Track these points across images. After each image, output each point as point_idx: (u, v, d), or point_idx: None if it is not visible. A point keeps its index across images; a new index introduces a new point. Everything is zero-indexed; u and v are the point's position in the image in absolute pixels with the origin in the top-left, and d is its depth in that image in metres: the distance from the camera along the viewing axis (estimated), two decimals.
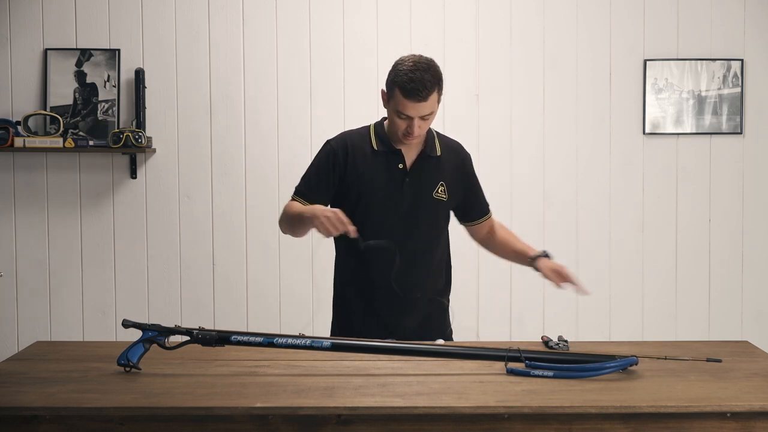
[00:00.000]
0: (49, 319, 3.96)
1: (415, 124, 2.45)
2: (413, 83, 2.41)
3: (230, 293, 3.98)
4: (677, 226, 4.02)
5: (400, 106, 2.45)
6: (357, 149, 2.58)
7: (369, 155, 2.57)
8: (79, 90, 3.89)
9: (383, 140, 2.58)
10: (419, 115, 2.44)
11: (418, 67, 2.43)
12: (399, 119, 2.48)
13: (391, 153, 2.57)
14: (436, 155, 2.60)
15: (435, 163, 2.60)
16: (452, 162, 2.64)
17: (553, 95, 3.97)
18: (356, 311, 2.63)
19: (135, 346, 2.11)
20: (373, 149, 2.58)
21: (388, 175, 2.57)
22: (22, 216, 3.94)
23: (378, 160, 2.57)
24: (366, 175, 2.56)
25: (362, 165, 2.57)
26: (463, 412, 1.81)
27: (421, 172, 2.58)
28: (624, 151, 3.99)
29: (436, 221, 2.62)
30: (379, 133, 2.60)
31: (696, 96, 3.96)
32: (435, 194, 2.59)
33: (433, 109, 2.47)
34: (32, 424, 1.81)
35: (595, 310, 4.01)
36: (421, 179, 2.58)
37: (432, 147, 2.60)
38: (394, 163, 2.57)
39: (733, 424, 1.81)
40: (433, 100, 2.45)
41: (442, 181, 2.60)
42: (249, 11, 3.92)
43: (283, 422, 1.80)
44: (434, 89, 2.43)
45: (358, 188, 2.57)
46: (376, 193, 2.56)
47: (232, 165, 3.95)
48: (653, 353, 2.17)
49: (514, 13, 3.95)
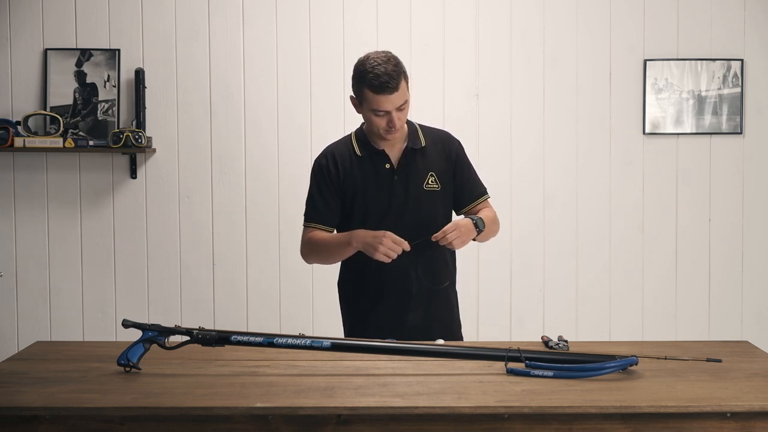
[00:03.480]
0: (49, 319, 3.96)
1: (395, 117, 2.49)
2: (380, 78, 2.45)
3: (230, 293, 3.98)
4: (677, 226, 4.02)
5: (375, 103, 2.49)
6: (344, 158, 2.62)
7: (355, 162, 2.61)
8: (79, 90, 3.89)
9: (365, 145, 2.62)
10: (395, 106, 2.48)
11: (378, 62, 2.48)
12: (377, 117, 2.51)
13: (376, 155, 2.61)
14: (421, 146, 2.63)
15: (421, 154, 2.62)
16: (439, 150, 2.65)
17: (553, 95, 3.97)
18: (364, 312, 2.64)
19: (135, 346, 2.11)
20: (357, 155, 2.62)
21: (376, 177, 2.60)
22: (22, 216, 3.94)
23: (364, 164, 2.61)
24: (357, 182, 2.60)
25: (351, 172, 2.61)
26: (463, 412, 1.81)
27: (408, 167, 2.61)
28: (624, 151, 3.99)
29: (434, 212, 2.62)
30: (360, 138, 2.64)
31: (696, 96, 3.96)
32: (426, 186, 2.61)
33: (406, 97, 2.51)
34: (32, 424, 1.81)
35: (595, 310, 4.01)
36: (409, 174, 2.60)
37: (415, 140, 2.63)
38: (381, 164, 2.61)
39: (733, 424, 1.81)
40: (403, 88, 2.49)
41: (431, 171, 2.62)
42: (249, 11, 3.92)
43: (283, 422, 1.80)
44: (401, 78, 2.48)
45: (351, 196, 2.60)
46: (368, 197, 2.59)
47: (232, 165, 3.95)
48: (653, 353, 2.17)
49: (514, 13, 3.95)
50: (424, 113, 3.55)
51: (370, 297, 2.63)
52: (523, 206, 3.99)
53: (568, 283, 4.01)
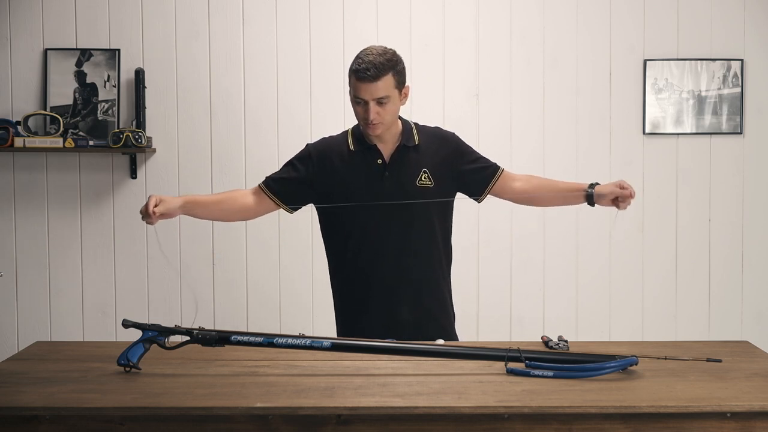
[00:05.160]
0: (49, 319, 3.96)
1: (371, 109, 2.48)
2: (363, 64, 2.46)
3: (230, 293, 3.98)
4: (677, 226, 4.02)
5: (353, 89, 2.51)
6: (334, 153, 2.63)
7: (346, 156, 2.62)
8: (79, 90, 3.89)
9: (359, 140, 2.63)
10: (372, 97, 2.47)
11: (371, 51, 2.49)
12: (357, 106, 2.53)
13: (368, 150, 2.61)
14: (414, 144, 2.62)
15: (414, 152, 2.62)
16: (434, 146, 2.64)
17: (553, 95, 3.97)
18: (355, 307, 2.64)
19: (135, 346, 2.11)
20: (350, 150, 2.62)
21: (367, 172, 2.59)
22: (22, 216, 3.93)
23: (355, 159, 2.61)
24: (346, 176, 2.60)
25: (340, 167, 2.61)
26: (463, 412, 1.81)
27: (400, 164, 2.60)
28: (624, 151, 3.99)
29: (425, 209, 2.60)
30: (355, 133, 2.65)
31: (696, 96, 3.96)
32: (418, 182, 2.60)
33: (388, 92, 2.48)
34: (32, 424, 1.81)
35: (595, 310, 4.01)
36: (401, 171, 2.59)
37: (409, 137, 2.63)
38: (372, 159, 2.61)
39: (733, 424, 1.81)
40: (387, 83, 2.47)
41: (424, 168, 2.60)
42: (249, 11, 3.92)
43: (283, 422, 1.80)
44: (386, 72, 2.46)
45: (340, 190, 2.60)
46: (357, 191, 2.58)
47: (232, 165, 3.95)
48: (653, 353, 2.17)
49: (514, 13, 3.95)
50: (424, 113, 3.56)
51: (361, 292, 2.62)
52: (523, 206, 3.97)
53: (568, 282, 4.01)
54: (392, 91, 2.50)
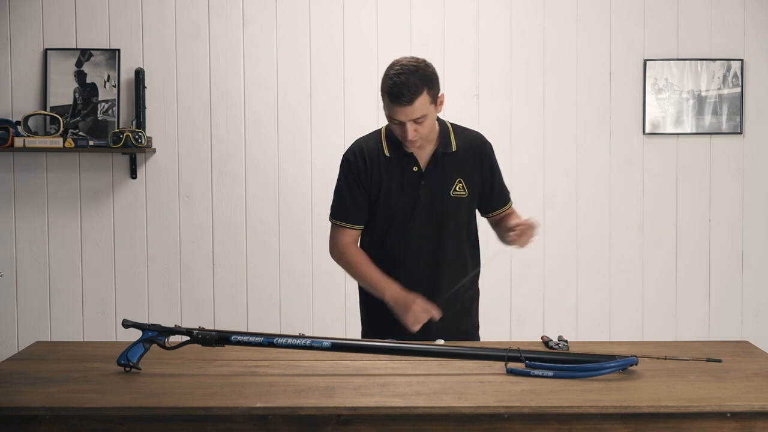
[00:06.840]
0: (49, 319, 3.96)
1: (408, 129, 2.41)
2: (396, 87, 2.37)
3: (230, 293, 3.98)
4: (677, 226, 4.02)
5: (390, 111, 2.43)
6: (372, 157, 2.55)
7: (383, 162, 2.55)
8: (79, 90, 3.89)
9: (394, 145, 2.55)
10: (408, 118, 2.40)
11: (404, 70, 2.39)
12: (393, 125, 2.46)
13: (404, 157, 2.55)
14: (452, 151, 2.56)
15: (451, 159, 2.56)
16: (470, 155, 2.60)
17: (553, 95, 3.97)
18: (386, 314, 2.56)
19: (135, 346, 2.11)
20: (385, 156, 2.55)
21: (403, 180, 2.54)
22: (22, 216, 3.93)
23: (392, 166, 2.55)
24: (383, 183, 2.54)
25: (378, 173, 2.55)
26: (463, 412, 1.81)
27: (436, 172, 2.55)
28: (624, 151, 3.99)
29: (458, 219, 2.58)
30: (390, 137, 2.56)
31: (696, 96, 3.96)
32: (453, 192, 2.56)
33: (425, 111, 2.41)
34: (32, 424, 1.81)
35: (595, 310, 4.01)
36: (437, 180, 2.55)
37: (447, 143, 2.57)
38: (409, 167, 2.55)
39: (733, 424, 1.81)
40: (423, 102, 2.39)
41: (459, 177, 2.56)
42: (249, 11, 3.92)
43: (283, 422, 1.81)
44: (421, 92, 2.38)
45: (377, 196, 2.55)
46: (394, 199, 2.55)
47: (232, 165, 3.95)
48: (653, 353, 2.17)
49: (514, 13, 3.95)
50: None
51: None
52: (523, 206, 3.91)
53: (568, 282, 4.01)
54: (428, 108, 2.42)
